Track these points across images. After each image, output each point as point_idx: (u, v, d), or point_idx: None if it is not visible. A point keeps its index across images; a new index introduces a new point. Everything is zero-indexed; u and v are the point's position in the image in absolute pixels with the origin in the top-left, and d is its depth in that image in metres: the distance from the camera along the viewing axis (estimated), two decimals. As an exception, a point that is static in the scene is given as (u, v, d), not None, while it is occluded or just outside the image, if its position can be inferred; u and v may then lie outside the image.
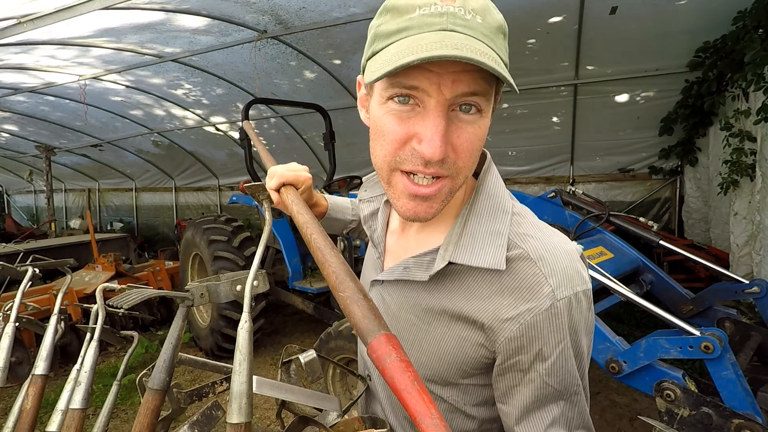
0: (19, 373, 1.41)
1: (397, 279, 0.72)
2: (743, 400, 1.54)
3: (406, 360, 0.40)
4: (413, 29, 0.53)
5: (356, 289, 0.50)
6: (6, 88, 6.02)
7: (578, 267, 0.62)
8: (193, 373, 3.70)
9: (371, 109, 0.62)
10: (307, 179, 0.86)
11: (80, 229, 9.05)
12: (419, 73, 0.52)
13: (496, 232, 0.63)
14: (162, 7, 3.73)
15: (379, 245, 0.80)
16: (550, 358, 0.60)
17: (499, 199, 0.68)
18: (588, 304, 0.63)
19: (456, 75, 0.52)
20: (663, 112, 4.56)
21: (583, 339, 0.63)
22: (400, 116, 0.56)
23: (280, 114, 6.39)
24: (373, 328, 0.43)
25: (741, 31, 3.46)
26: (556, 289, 0.59)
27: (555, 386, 0.61)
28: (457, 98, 0.53)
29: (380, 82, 0.57)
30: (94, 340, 1.07)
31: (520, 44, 4.22)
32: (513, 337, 0.60)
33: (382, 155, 0.59)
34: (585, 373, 0.66)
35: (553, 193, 3.22)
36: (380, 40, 0.56)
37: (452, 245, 0.65)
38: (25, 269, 1.41)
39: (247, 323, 0.68)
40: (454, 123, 0.55)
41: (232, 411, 0.64)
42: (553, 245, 0.62)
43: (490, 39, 0.53)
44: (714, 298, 2.39)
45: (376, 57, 0.56)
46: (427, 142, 0.54)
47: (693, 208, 4.71)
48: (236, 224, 4.09)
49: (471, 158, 0.58)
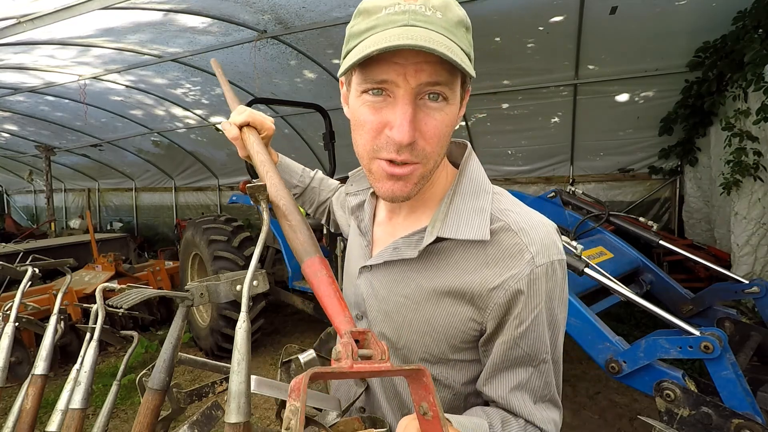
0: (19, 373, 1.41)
1: (386, 261, 0.75)
2: (743, 400, 1.54)
3: (332, 276, 0.48)
4: (379, 27, 0.58)
5: (301, 220, 0.57)
6: (6, 88, 6.02)
7: (554, 238, 0.68)
8: (193, 373, 3.70)
9: (350, 102, 0.67)
10: (271, 129, 0.92)
11: (80, 229, 9.05)
12: (387, 66, 0.57)
13: (480, 209, 0.69)
14: (162, 7, 3.73)
15: (367, 234, 0.83)
16: (526, 321, 0.64)
17: (480, 182, 0.73)
18: (563, 274, 0.67)
19: (418, 65, 0.57)
20: (663, 112, 4.56)
21: (558, 308, 0.67)
22: (374, 107, 0.61)
23: (280, 114, 6.39)
24: (311, 251, 0.51)
25: (741, 31, 3.46)
26: (535, 256, 0.64)
27: (525, 349, 0.65)
28: (422, 87, 0.58)
29: (355, 78, 0.63)
30: (93, 340, 1.07)
31: (520, 44, 4.22)
32: (500, 304, 0.65)
33: (362, 144, 0.65)
34: (558, 346, 0.70)
35: (553, 193, 3.22)
36: (352, 39, 0.62)
37: (439, 221, 0.69)
38: (25, 269, 1.41)
39: (245, 323, 0.68)
40: (422, 110, 0.60)
41: (230, 410, 0.64)
42: (532, 218, 0.68)
43: (450, 32, 0.58)
44: (714, 298, 2.39)
45: (349, 55, 0.62)
46: (397, 127, 0.59)
47: (694, 208, 4.71)
48: (236, 224, 4.09)
49: (439, 143, 0.63)
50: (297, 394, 0.36)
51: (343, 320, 0.41)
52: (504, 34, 4.04)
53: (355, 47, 0.60)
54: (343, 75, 0.65)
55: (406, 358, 0.75)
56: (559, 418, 0.70)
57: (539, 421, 0.67)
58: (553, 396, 0.69)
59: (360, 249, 0.85)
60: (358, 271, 0.82)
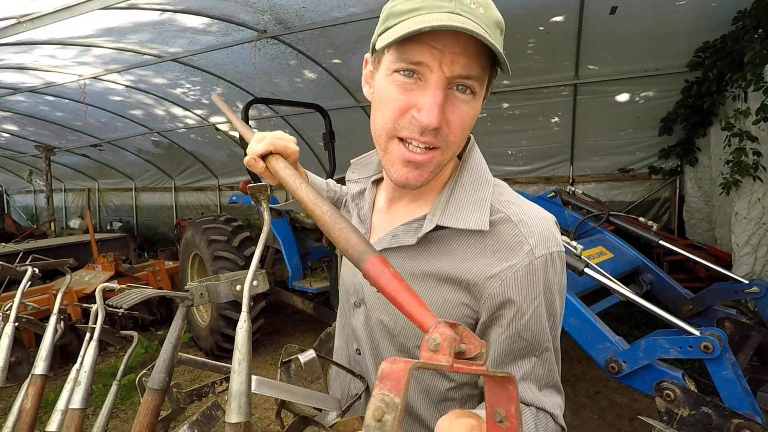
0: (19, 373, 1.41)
1: (385, 248, 0.75)
2: (743, 400, 1.54)
3: (396, 272, 0.46)
4: (424, 9, 0.58)
5: (349, 224, 0.55)
6: (6, 87, 6.02)
7: (553, 230, 0.68)
8: (192, 373, 3.70)
9: (376, 81, 0.66)
10: (296, 151, 0.83)
11: (80, 229, 9.04)
12: (425, 49, 0.57)
13: (480, 200, 0.69)
14: (162, 7, 3.73)
15: (365, 221, 0.84)
16: (527, 313, 0.64)
17: (481, 173, 0.74)
18: (561, 265, 0.68)
19: (455, 56, 0.57)
20: (663, 112, 4.55)
21: (557, 298, 0.68)
22: (404, 87, 0.61)
23: (280, 114, 6.39)
24: (369, 250, 0.50)
25: (741, 31, 3.46)
26: (534, 247, 0.64)
27: (528, 340, 0.66)
28: (455, 78, 0.59)
29: (389, 56, 0.62)
30: (93, 340, 1.07)
31: (521, 44, 4.22)
32: (496, 293, 0.65)
33: (382, 122, 0.64)
34: (557, 334, 0.71)
35: (553, 193, 3.22)
36: (393, 18, 0.61)
37: (439, 210, 0.70)
38: (25, 269, 1.41)
39: (245, 323, 0.68)
40: (450, 99, 0.61)
41: (231, 410, 0.64)
42: (531, 210, 0.69)
43: (490, 29, 0.59)
44: (714, 298, 2.39)
45: (388, 32, 0.61)
46: (426, 110, 0.59)
47: (694, 208, 4.71)
48: (236, 224, 4.09)
49: (461, 134, 0.64)
50: (398, 388, 0.30)
51: (426, 314, 0.40)
52: (504, 33, 4.04)
53: (396, 24, 0.59)
54: (375, 53, 0.64)
55: (402, 345, 0.75)
56: (562, 401, 0.72)
57: (548, 407, 0.68)
58: (556, 382, 0.71)
59: None
60: None
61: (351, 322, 0.87)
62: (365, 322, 0.82)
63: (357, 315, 0.84)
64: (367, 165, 0.90)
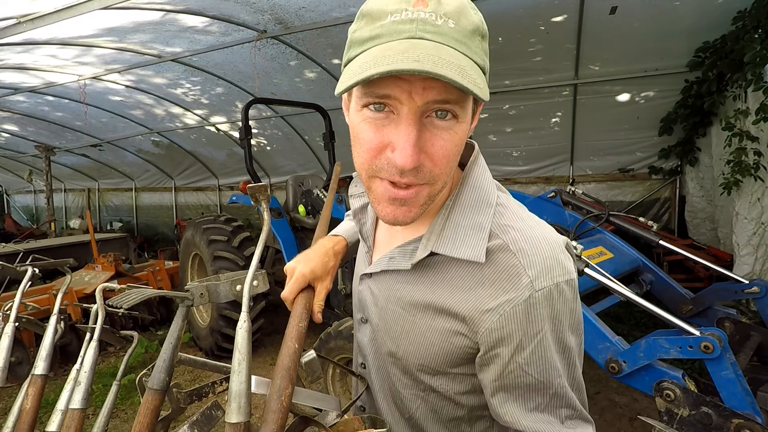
0: (19, 373, 1.41)
1: (383, 270, 0.73)
2: (743, 400, 1.54)
3: None
4: (383, 37, 0.53)
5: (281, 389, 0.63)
6: (6, 88, 6.02)
7: (560, 257, 0.62)
8: (193, 373, 3.70)
9: (350, 114, 0.62)
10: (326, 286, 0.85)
11: (80, 229, 9.05)
12: (390, 81, 0.52)
13: (479, 226, 0.64)
14: (162, 7, 3.73)
15: (368, 239, 0.81)
16: (528, 348, 0.59)
17: (483, 192, 0.68)
18: (572, 294, 0.62)
19: (426, 82, 0.51)
20: (663, 112, 4.56)
21: (567, 330, 0.62)
22: (375, 124, 0.56)
23: (280, 114, 6.39)
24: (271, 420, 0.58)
25: (740, 31, 3.46)
26: (534, 280, 0.59)
27: (536, 376, 0.61)
28: (429, 105, 0.53)
29: (356, 90, 0.57)
30: (93, 340, 1.07)
31: (521, 44, 4.22)
32: (493, 329, 0.60)
33: (360, 162, 0.60)
34: (576, 369, 0.64)
35: (553, 193, 3.21)
36: (354, 47, 0.56)
37: (435, 235, 0.65)
38: (25, 269, 1.41)
39: (245, 323, 0.68)
40: (429, 130, 0.55)
41: (231, 411, 0.64)
42: (534, 236, 0.62)
43: (462, 43, 0.53)
44: (714, 298, 2.39)
45: (349, 65, 0.56)
46: (399, 150, 0.54)
47: (697, 207, 4.69)
48: (236, 224, 4.09)
49: (447, 165, 0.58)
50: None
51: None
52: (504, 34, 4.04)
53: (356, 57, 0.55)
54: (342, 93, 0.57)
55: (405, 368, 0.73)
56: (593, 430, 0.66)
57: None
58: (580, 413, 0.64)
59: (362, 254, 0.85)
60: (360, 278, 0.81)
61: (358, 336, 0.86)
62: (370, 339, 0.81)
63: (363, 331, 0.83)
64: None
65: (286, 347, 0.69)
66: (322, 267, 0.85)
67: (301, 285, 0.82)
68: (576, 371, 0.65)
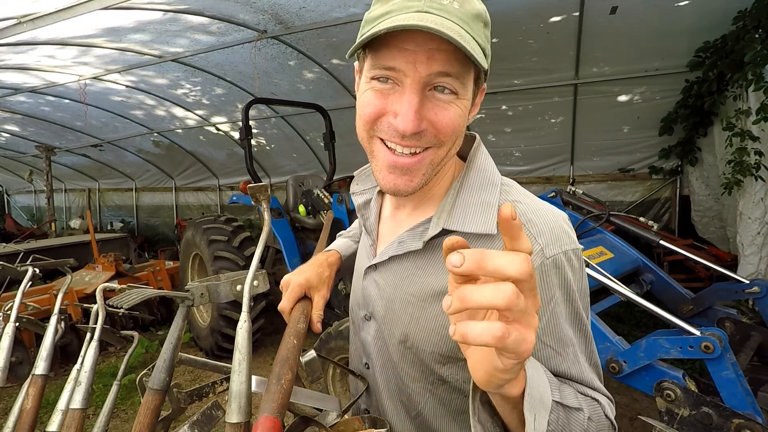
0: (19, 373, 1.41)
1: (392, 256, 0.74)
2: (743, 400, 1.54)
3: None
4: (394, 12, 0.57)
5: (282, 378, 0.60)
6: (6, 88, 6.03)
7: (566, 228, 0.65)
8: (193, 373, 3.70)
9: (359, 89, 0.66)
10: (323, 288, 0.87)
11: (80, 229, 9.06)
12: (396, 52, 0.56)
13: (487, 203, 0.67)
14: (162, 7, 3.74)
15: (372, 232, 0.82)
16: (544, 318, 0.61)
17: (488, 174, 0.72)
18: (579, 262, 0.65)
19: (430, 52, 0.55)
20: (663, 112, 4.55)
21: (578, 296, 0.64)
22: (381, 92, 0.60)
23: (280, 114, 6.39)
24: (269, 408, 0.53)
25: (741, 31, 3.46)
26: (544, 247, 0.61)
27: (553, 346, 0.62)
28: (432, 77, 0.57)
29: (366, 64, 0.62)
30: (94, 340, 1.07)
31: (521, 44, 4.22)
32: None
33: (362, 124, 0.64)
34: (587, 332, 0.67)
35: (553, 193, 3.22)
36: (367, 24, 0.61)
37: (445, 213, 0.68)
38: (25, 269, 1.41)
39: (246, 323, 0.68)
40: (431, 101, 0.59)
41: (231, 410, 0.64)
42: (540, 209, 0.66)
43: (466, 23, 0.56)
44: (714, 298, 2.39)
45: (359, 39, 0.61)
46: (401, 116, 0.58)
47: (705, 207, 4.65)
48: (236, 224, 4.09)
49: (454, 133, 0.61)
50: None
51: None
52: (504, 34, 4.04)
53: (368, 31, 0.59)
54: (356, 60, 0.63)
55: (415, 357, 0.73)
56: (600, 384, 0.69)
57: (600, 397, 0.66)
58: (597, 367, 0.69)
59: (365, 249, 0.84)
60: (364, 271, 0.81)
61: (361, 335, 0.85)
62: (376, 336, 0.80)
63: (367, 329, 0.82)
64: (371, 175, 0.89)
65: (285, 343, 0.69)
66: (317, 276, 0.87)
67: (298, 294, 0.84)
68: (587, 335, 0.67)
